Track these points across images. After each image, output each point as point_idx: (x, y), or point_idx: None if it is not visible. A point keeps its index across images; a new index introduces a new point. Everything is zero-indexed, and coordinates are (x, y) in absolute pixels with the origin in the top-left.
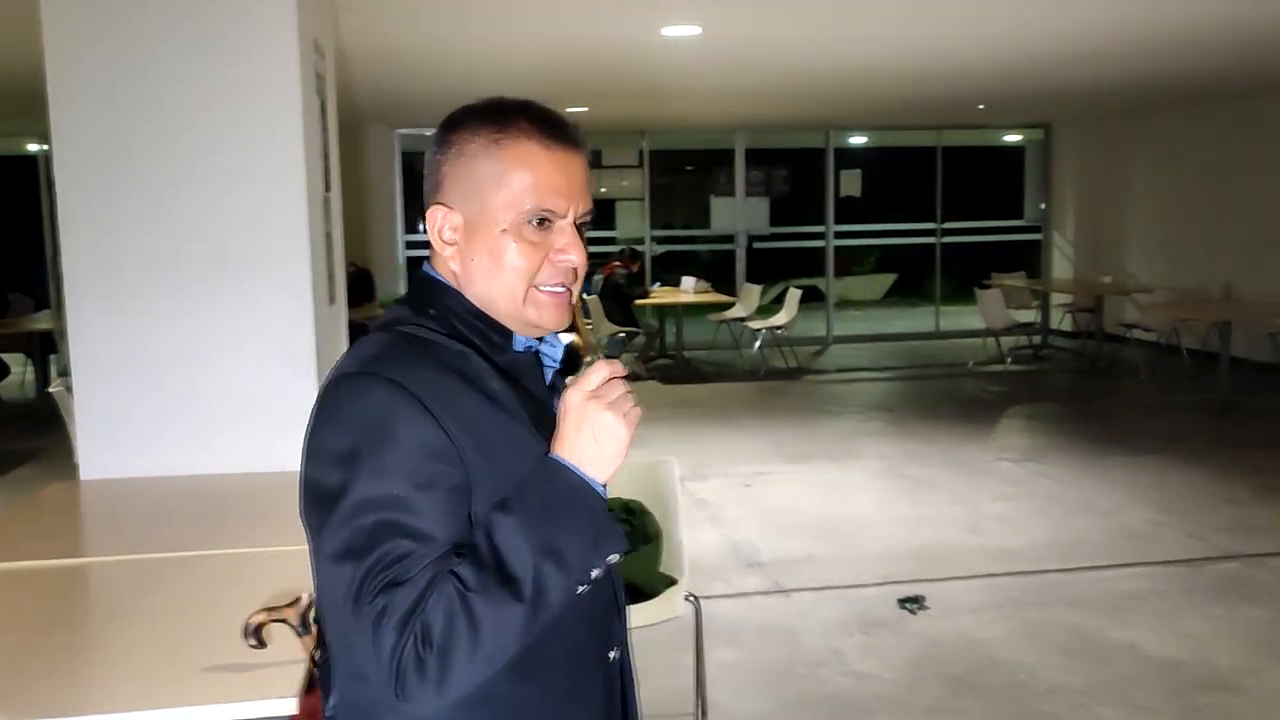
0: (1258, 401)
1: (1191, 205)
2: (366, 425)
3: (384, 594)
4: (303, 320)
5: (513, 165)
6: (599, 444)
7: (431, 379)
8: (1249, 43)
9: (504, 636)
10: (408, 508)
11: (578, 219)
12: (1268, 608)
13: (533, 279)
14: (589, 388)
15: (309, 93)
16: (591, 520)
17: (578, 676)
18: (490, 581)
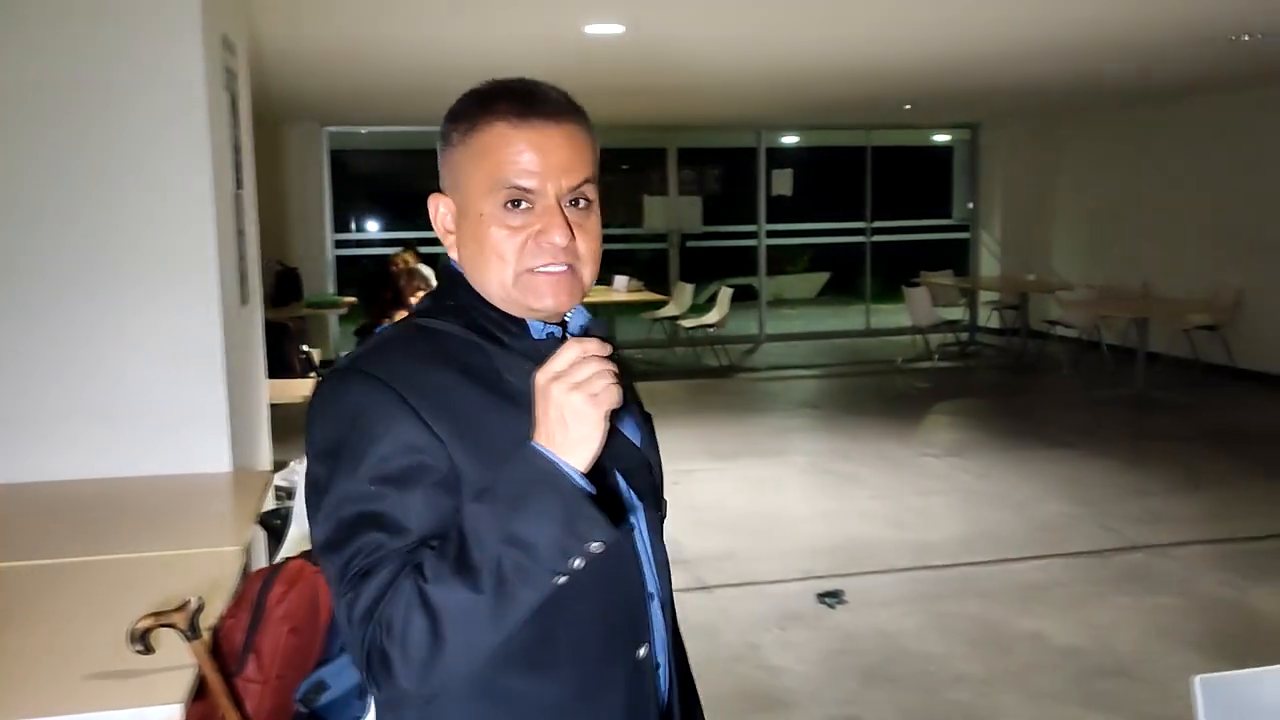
0: (1173, 396)
1: (1113, 205)
2: (346, 420)
3: (355, 586)
4: (209, 321)
5: (484, 148)
6: (568, 427)
7: (419, 373)
8: (1170, 46)
9: (468, 627)
10: (384, 501)
11: (564, 195)
12: (1171, 596)
13: (519, 263)
14: (555, 369)
15: (216, 88)
16: (562, 506)
17: (594, 673)
18: (447, 571)
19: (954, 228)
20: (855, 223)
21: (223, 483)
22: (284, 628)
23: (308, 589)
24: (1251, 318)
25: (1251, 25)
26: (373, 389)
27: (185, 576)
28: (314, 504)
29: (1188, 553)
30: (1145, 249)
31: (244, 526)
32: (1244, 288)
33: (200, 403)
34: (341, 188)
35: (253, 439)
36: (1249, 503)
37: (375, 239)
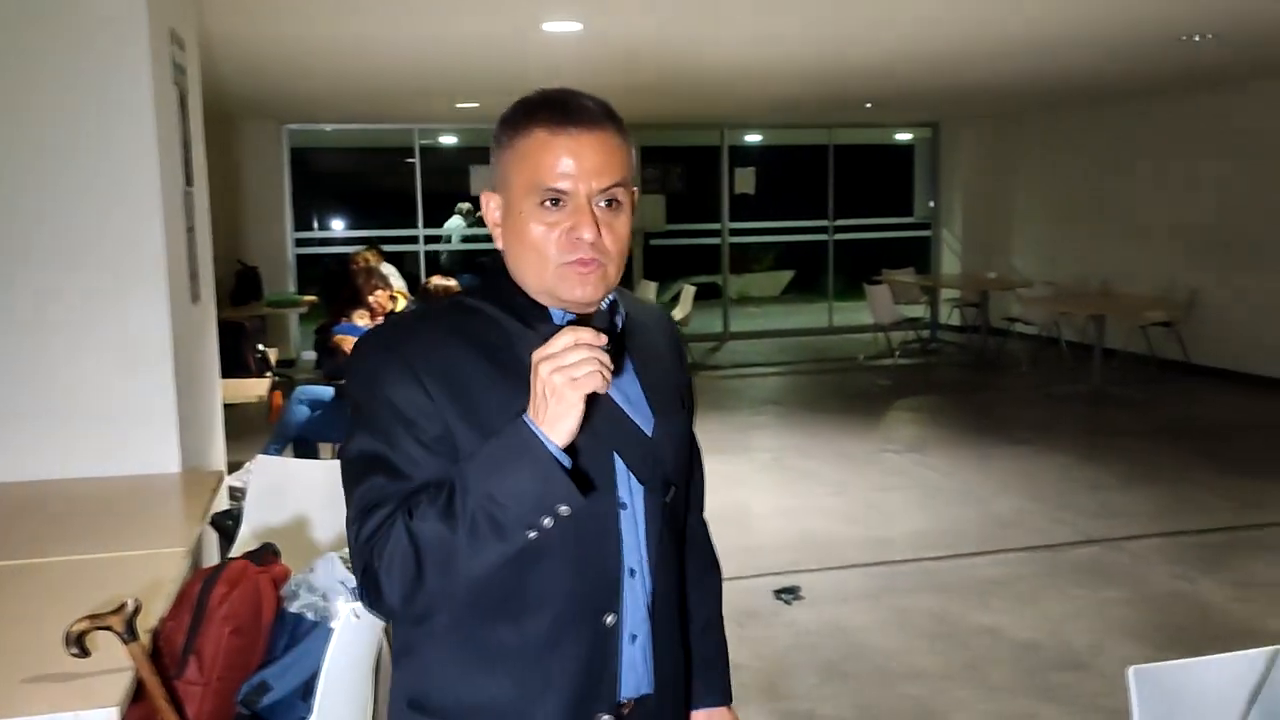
0: (1129, 392)
1: (1072, 203)
2: (361, 381)
3: (361, 519)
4: (157, 319)
5: (526, 152)
6: (549, 405)
7: (433, 344)
8: (1123, 46)
9: (444, 562)
10: (389, 451)
11: (595, 195)
12: (1123, 588)
13: (555, 258)
14: (548, 351)
15: (164, 83)
16: (537, 472)
17: (558, 629)
18: (433, 515)
19: (915, 226)
20: (818, 221)
21: (172, 483)
22: (226, 629)
23: (250, 589)
24: (1206, 314)
25: (1201, 26)
26: (384, 357)
27: (128, 579)
28: (343, 446)
29: (1141, 546)
30: (1103, 247)
31: (192, 527)
32: (1198, 285)
33: (148, 402)
34: (304, 186)
35: (205, 439)
36: (1201, 496)
37: (338, 237)
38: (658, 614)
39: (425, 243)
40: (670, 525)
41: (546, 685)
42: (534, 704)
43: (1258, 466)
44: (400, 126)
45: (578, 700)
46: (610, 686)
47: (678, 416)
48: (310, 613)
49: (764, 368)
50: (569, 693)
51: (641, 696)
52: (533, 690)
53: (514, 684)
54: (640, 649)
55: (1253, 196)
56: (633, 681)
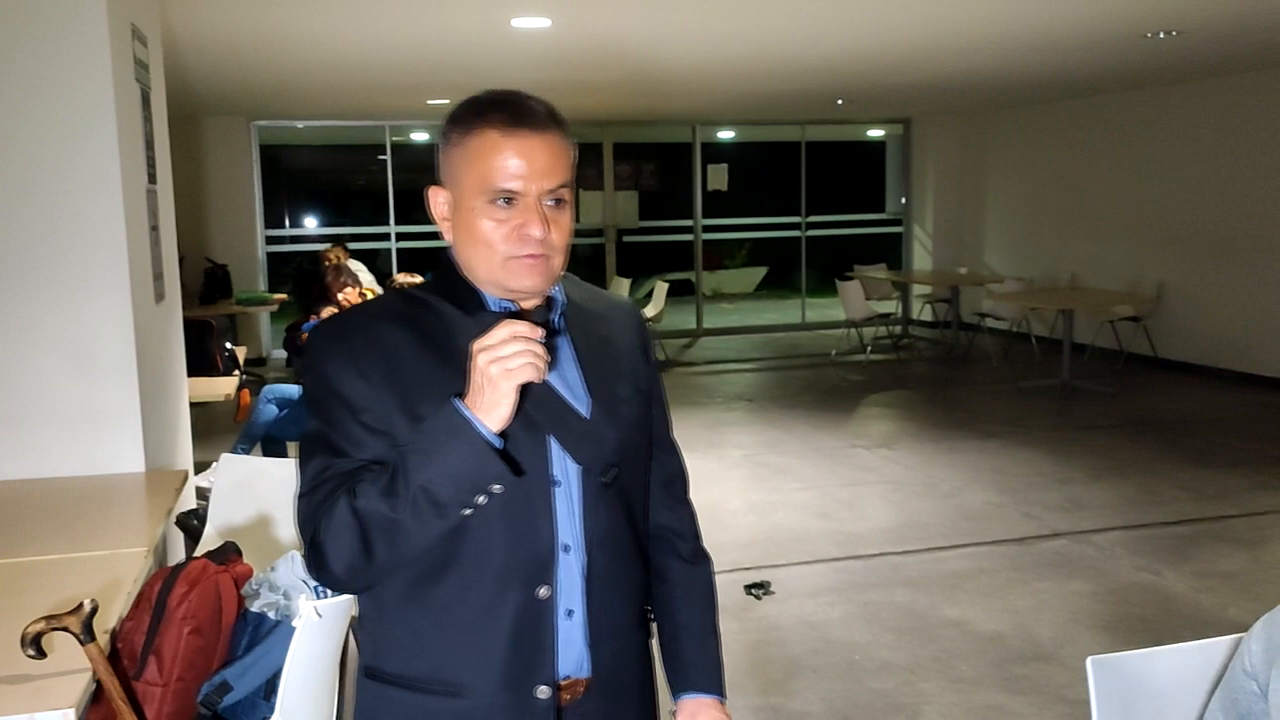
0: (1098, 386)
1: (1042, 199)
2: (310, 370)
3: (308, 493)
4: (120, 319)
5: (477, 152)
6: (484, 392)
7: (374, 333)
8: (1089, 42)
9: (385, 537)
10: (333, 432)
11: (544, 194)
12: (1089, 581)
13: (504, 252)
14: (486, 343)
15: (125, 80)
16: (471, 453)
17: (491, 596)
18: (376, 493)
19: (887, 222)
20: (791, 217)
21: (136, 483)
22: (186, 628)
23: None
24: (1172, 309)
25: (1165, 24)
26: (330, 347)
27: (87, 579)
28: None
29: (1106, 538)
30: (1073, 242)
31: (154, 527)
32: (1165, 280)
33: (111, 402)
34: (275, 183)
35: (170, 438)
36: (1167, 489)
37: (310, 235)
38: (594, 591)
39: (397, 240)
40: (614, 505)
41: (484, 655)
42: (474, 674)
43: (1221, 459)
44: (371, 123)
45: (514, 671)
46: (547, 660)
47: (621, 402)
48: (272, 612)
49: (737, 364)
50: (504, 663)
51: (587, 679)
52: (472, 660)
53: (455, 653)
54: (578, 625)
55: (1218, 192)
56: (573, 659)
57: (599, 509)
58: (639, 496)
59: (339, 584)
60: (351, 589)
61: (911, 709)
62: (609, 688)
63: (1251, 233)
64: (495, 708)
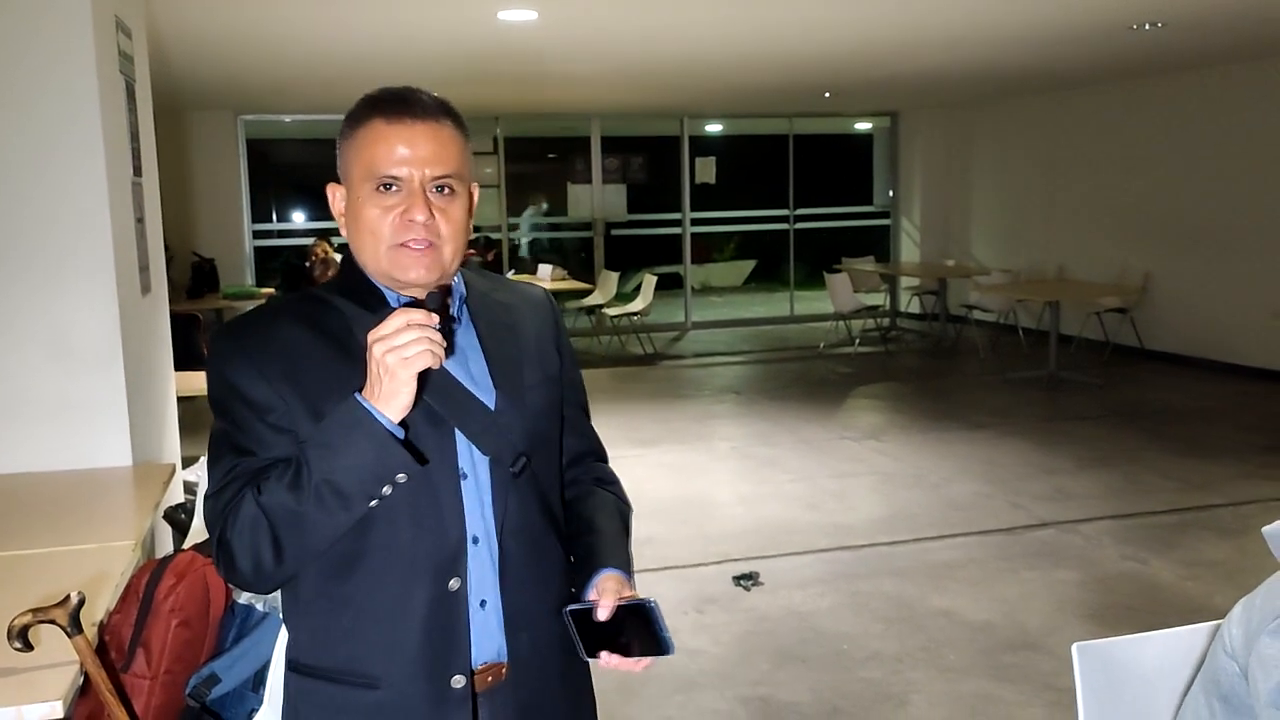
0: (1084, 377)
1: (1028, 191)
2: (214, 372)
3: (216, 494)
4: (106, 312)
5: (363, 142)
6: (382, 383)
7: (273, 333)
8: (1075, 33)
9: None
10: (237, 433)
11: (428, 182)
12: (1076, 570)
13: (389, 239)
14: (381, 333)
15: (109, 72)
16: (373, 444)
17: (400, 589)
18: (282, 488)
19: (875, 215)
20: (779, 210)
21: (123, 477)
22: (173, 621)
23: (198, 580)
24: (1158, 300)
25: (1150, 15)
26: (229, 348)
27: (74, 572)
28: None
29: (1093, 528)
30: (1059, 234)
31: (142, 521)
32: (1151, 271)
33: (98, 396)
34: (262, 177)
35: (157, 432)
36: (1153, 478)
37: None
38: (507, 580)
39: None
40: (525, 495)
41: (398, 646)
42: (389, 665)
43: (1206, 449)
44: None
45: (428, 661)
46: (461, 650)
47: (527, 390)
48: (260, 603)
49: (725, 357)
50: (419, 654)
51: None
52: (384, 650)
53: (369, 645)
54: (493, 614)
55: (1203, 184)
56: (489, 648)
57: (509, 499)
58: (552, 484)
59: (248, 583)
60: (261, 588)
61: (900, 698)
62: (527, 675)
63: (1236, 224)
64: (411, 698)
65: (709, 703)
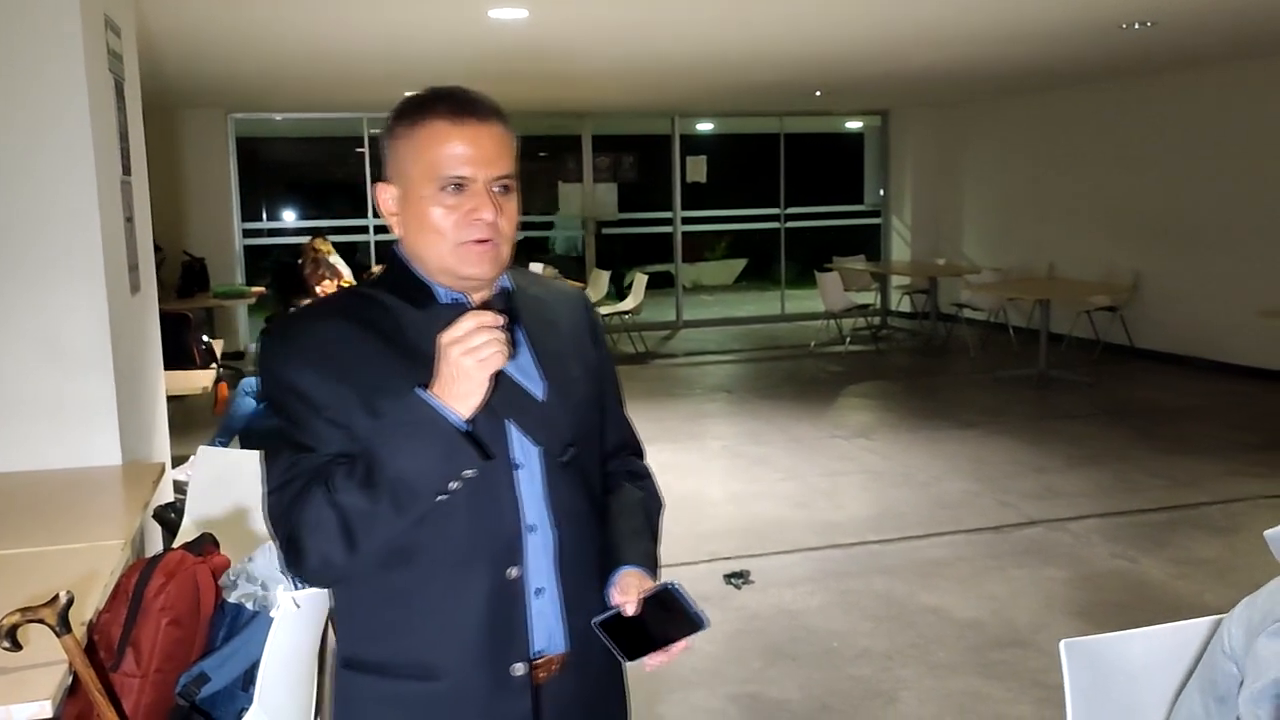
0: (1074, 375)
1: (1019, 190)
2: (266, 370)
3: (278, 492)
4: (96, 311)
5: (427, 142)
6: (456, 382)
7: (325, 330)
8: (1071, 33)
9: (366, 528)
10: (296, 428)
11: (491, 182)
12: (1064, 568)
13: (454, 237)
14: (455, 335)
15: (98, 70)
16: (442, 442)
17: (458, 579)
18: (354, 486)
19: (866, 214)
20: (770, 209)
21: (112, 476)
22: (163, 620)
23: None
24: (1148, 299)
25: (1140, 14)
26: (283, 346)
27: (64, 572)
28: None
29: (1083, 526)
30: (1049, 233)
31: (131, 520)
32: (1141, 270)
33: (88, 395)
34: (252, 176)
35: (147, 431)
36: (1142, 477)
37: (288, 228)
38: (565, 568)
39: (375, 233)
40: (574, 483)
41: (457, 636)
42: (449, 656)
43: (1195, 447)
44: (349, 115)
45: (489, 650)
46: (521, 638)
47: (572, 383)
48: (250, 602)
49: (717, 355)
50: (478, 643)
51: (562, 655)
52: (444, 641)
53: (429, 637)
54: (549, 603)
55: (1193, 182)
56: (545, 635)
57: (561, 487)
58: (595, 473)
59: (315, 578)
60: (326, 583)
61: (889, 695)
62: (583, 663)
63: (1225, 223)
64: (472, 688)
65: (700, 701)
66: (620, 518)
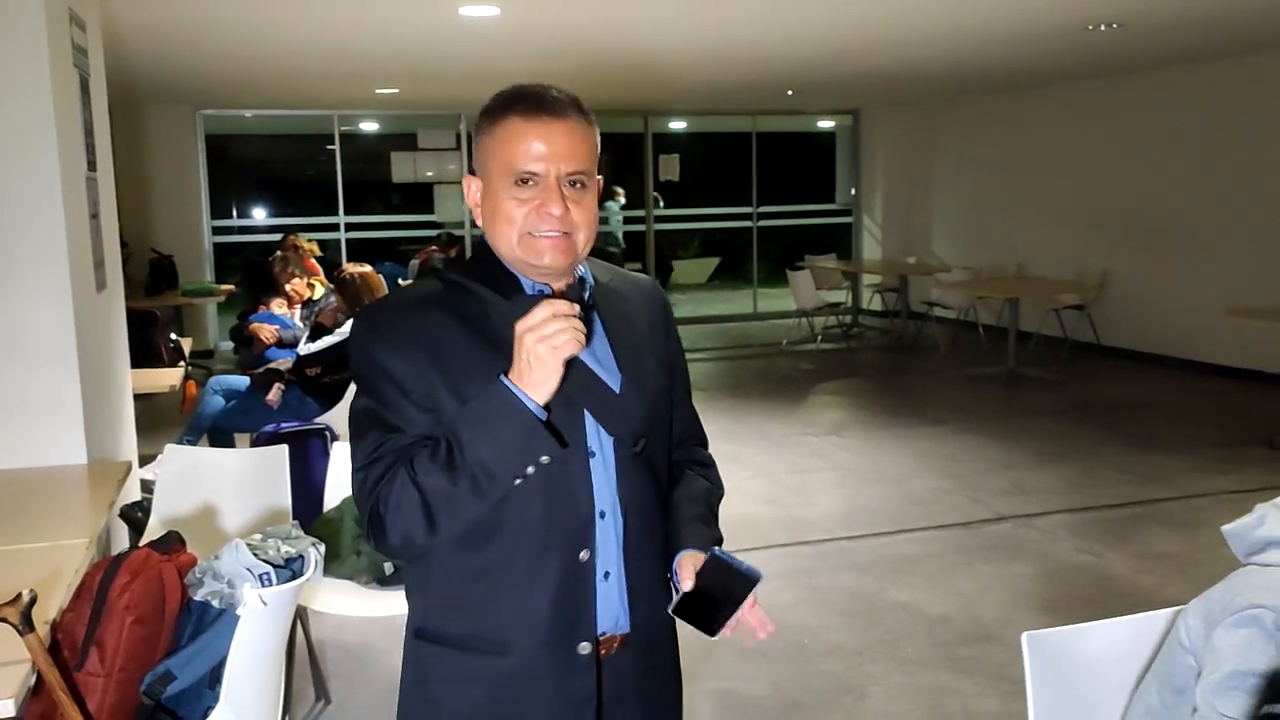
0: (1043, 373)
1: (988, 189)
2: (357, 352)
3: (365, 468)
4: (60, 308)
5: (503, 138)
6: (532, 370)
7: (415, 314)
8: (1038, 34)
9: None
10: (385, 409)
11: (564, 177)
12: (1031, 564)
13: (524, 228)
14: (530, 323)
15: (63, 66)
16: (520, 428)
17: (534, 559)
18: (436, 468)
19: (838, 212)
20: (742, 208)
21: (78, 475)
22: (128, 618)
23: (153, 578)
24: (1115, 297)
25: (1106, 16)
26: (372, 328)
27: (27, 571)
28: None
29: (1049, 522)
30: (1019, 232)
31: (97, 518)
32: (1109, 269)
33: (52, 392)
34: (222, 173)
35: (113, 429)
36: (1108, 473)
37: (259, 225)
38: (630, 553)
39: (346, 230)
40: (643, 473)
41: (529, 615)
42: (520, 633)
43: (1160, 444)
44: (320, 113)
45: (558, 629)
46: (588, 618)
47: (647, 376)
48: (216, 600)
49: (690, 354)
50: (549, 622)
51: (624, 635)
52: (515, 619)
53: (501, 614)
54: (615, 586)
55: (1160, 182)
56: (610, 616)
57: (631, 477)
58: (663, 463)
59: (395, 554)
60: (406, 558)
61: (859, 690)
62: (643, 644)
63: (1191, 223)
64: (541, 663)
65: None
66: (684, 505)
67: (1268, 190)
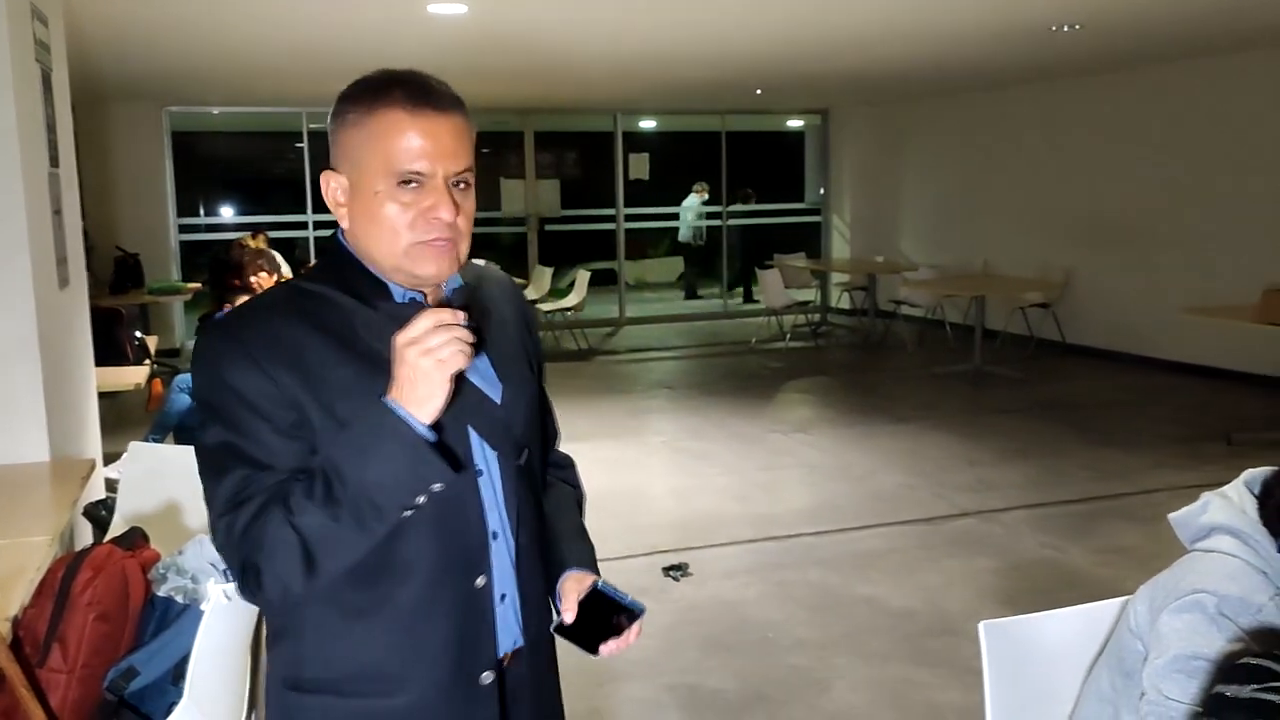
0: (1008, 371)
1: (955, 188)
2: (205, 372)
3: (231, 510)
4: (22, 305)
5: (382, 132)
6: (416, 386)
7: (272, 329)
8: (1002, 35)
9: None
10: (244, 440)
11: (450, 178)
12: (995, 558)
13: (409, 236)
14: (411, 335)
15: (24, 61)
16: (407, 452)
17: (427, 593)
18: (313, 505)
19: (806, 211)
20: (712, 207)
21: (40, 473)
22: (90, 615)
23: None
24: (1079, 296)
25: (1069, 18)
26: (225, 346)
27: None
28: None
29: (1013, 517)
30: (985, 231)
31: (59, 516)
32: (1072, 267)
33: (14, 390)
34: (189, 171)
35: (77, 427)
36: (1070, 469)
37: (226, 224)
38: (523, 571)
39: (315, 229)
40: (527, 485)
41: (422, 649)
42: (413, 668)
43: (1122, 440)
44: (288, 110)
45: (458, 662)
46: (488, 646)
47: (525, 382)
48: (180, 596)
49: (659, 352)
50: (448, 656)
51: (516, 650)
52: (407, 655)
53: (391, 652)
54: (510, 606)
55: (1121, 182)
56: (508, 639)
57: (517, 492)
58: (541, 471)
59: (271, 608)
60: (285, 608)
61: (823, 684)
62: (535, 657)
63: (1152, 223)
64: (438, 698)
65: (636, 692)
66: (556, 518)
67: (1226, 190)
